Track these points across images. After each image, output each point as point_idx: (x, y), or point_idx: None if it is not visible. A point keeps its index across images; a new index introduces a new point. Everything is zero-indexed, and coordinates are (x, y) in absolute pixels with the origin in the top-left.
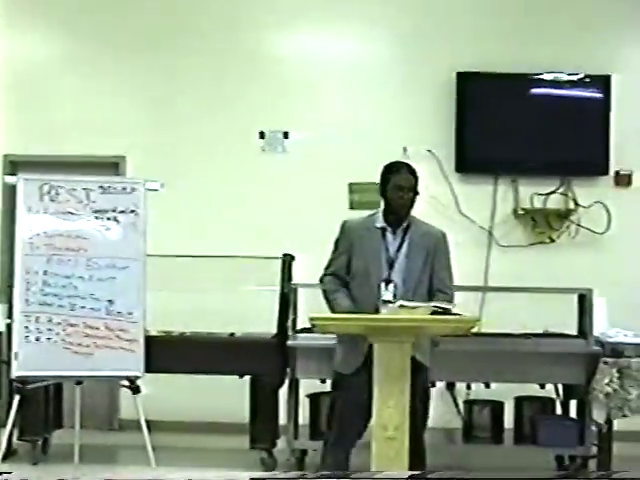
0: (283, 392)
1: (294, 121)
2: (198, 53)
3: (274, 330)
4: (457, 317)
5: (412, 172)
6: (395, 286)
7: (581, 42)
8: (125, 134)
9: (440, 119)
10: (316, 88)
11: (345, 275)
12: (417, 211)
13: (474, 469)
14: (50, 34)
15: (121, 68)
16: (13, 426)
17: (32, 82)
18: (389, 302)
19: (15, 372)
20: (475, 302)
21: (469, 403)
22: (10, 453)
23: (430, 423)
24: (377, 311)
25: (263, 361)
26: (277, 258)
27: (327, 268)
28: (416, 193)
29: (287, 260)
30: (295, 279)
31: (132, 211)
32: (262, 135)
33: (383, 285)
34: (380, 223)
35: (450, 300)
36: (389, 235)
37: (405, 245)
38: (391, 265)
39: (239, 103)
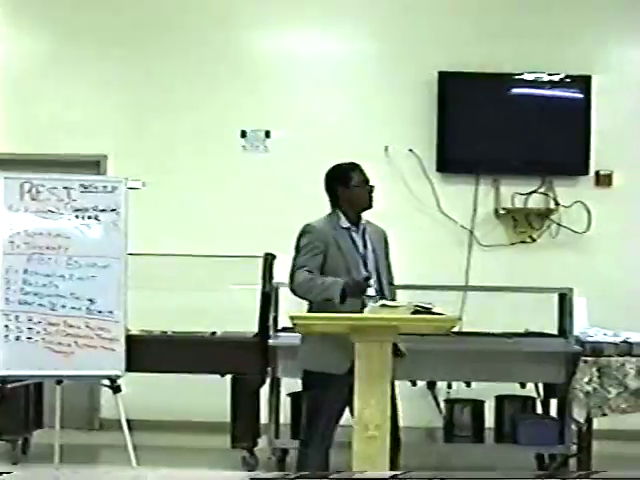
0: (264, 391)
1: (276, 120)
2: (180, 52)
3: (255, 329)
4: (438, 316)
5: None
6: (373, 282)
7: (562, 42)
8: (107, 133)
9: (421, 118)
10: (297, 87)
11: (318, 275)
12: (399, 210)
13: (455, 468)
14: (31, 33)
15: (102, 67)
16: None
17: (14, 81)
18: (372, 297)
19: None
20: (456, 301)
21: (450, 402)
22: None
23: (411, 422)
24: (363, 307)
25: (244, 360)
26: (258, 257)
27: (299, 268)
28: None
29: (268, 259)
30: (276, 278)
31: (113, 210)
32: (243, 134)
33: (366, 281)
34: (345, 223)
35: (394, 298)
36: (354, 234)
37: (368, 242)
38: (364, 262)
39: (220, 102)
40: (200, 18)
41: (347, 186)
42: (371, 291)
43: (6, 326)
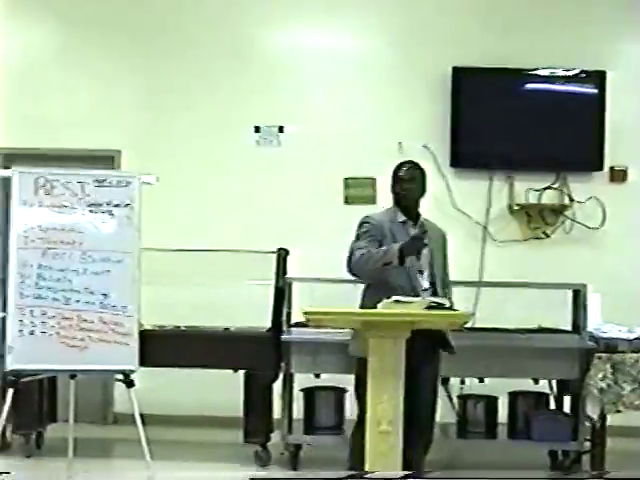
0: (277, 386)
1: (289, 115)
2: (193, 47)
3: (268, 324)
4: (451, 312)
5: (415, 166)
6: (427, 276)
7: (577, 38)
8: (121, 128)
9: (435, 114)
10: (311, 82)
11: None
12: None
13: (468, 464)
14: (46, 27)
15: (117, 62)
16: (7, 420)
17: (28, 75)
18: (426, 290)
19: (9, 365)
20: (469, 297)
21: (463, 398)
22: (4, 447)
23: None
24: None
25: (257, 355)
26: (272, 252)
27: (357, 250)
28: (422, 186)
29: (282, 254)
30: (290, 273)
31: (127, 205)
32: (257, 129)
33: (419, 274)
34: (401, 217)
35: (450, 298)
36: (410, 228)
37: (426, 238)
38: (418, 256)
39: (234, 97)
40: (214, 14)
41: (393, 183)
42: (425, 284)
43: (20, 321)
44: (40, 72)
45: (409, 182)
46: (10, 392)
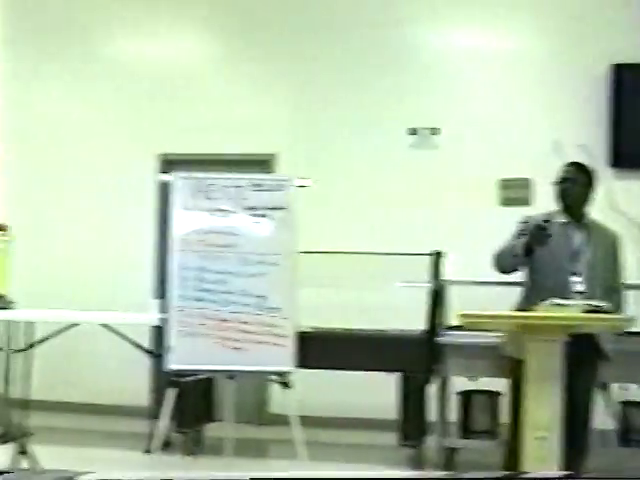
0: (433, 389)
1: (444, 117)
2: (348, 50)
3: (420, 327)
4: (612, 316)
5: (577, 166)
6: (581, 279)
7: None
8: (276, 132)
9: (591, 113)
10: (466, 83)
11: None
12: None
13: (630, 473)
14: (199, 33)
15: (272, 66)
16: (168, 418)
17: (185, 81)
18: (580, 293)
19: (170, 365)
20: (633, 301)
21: (625, 405)
22: (166, 445)
23: None
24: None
25: (412, 358)
26: (426, 255)
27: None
28: (585, 187)
29: (437, 256)
30: (444, 276)
31: (283, 208)
32: (412, 132)
33: (574, 276)
34: (563, 219)
35: (618, 303)
36: (573, 230)
37: (589, 240)
38: (575, 258)
39: (388, 100)
40: (369, 14)
41: (555, 183)
42: (578, 287)
43: (181, 322)
44: (198, 78)
45: (567, 182)
46: (172, 391)
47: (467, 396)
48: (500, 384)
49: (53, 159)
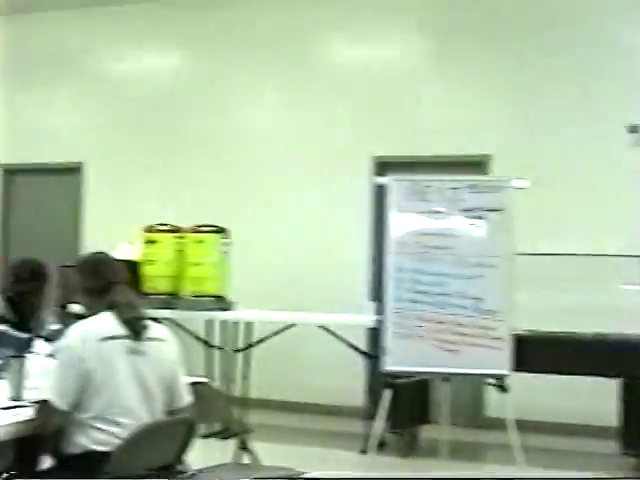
0: None
1: None
2: (563, 49)
3: None
4: None
5: None
6: None
7: None
8: (490, 133)
9: None
10: None
11: None
12: None
13: None
14: (412, 36)
15: (486, 67)
16: (383, 419)
17: (399, 85)
18: None
19: (386, 367)
20: None
21: None
22: (381, 445)
23: None
24: None
25: (635, 363)
26: None
27: None
28: None
29: None
30: None
31: (500, 209)
32: (632, 129)
33: None
34: None
35: None
36: None
37: None
38: None
39: (605, 97)
40: (593, 14)
41: None
42: None
43: (397, 323)
44: (410, 82)
45: None
46: (388, 392)
47: None
48: None
49: (265, 162)
